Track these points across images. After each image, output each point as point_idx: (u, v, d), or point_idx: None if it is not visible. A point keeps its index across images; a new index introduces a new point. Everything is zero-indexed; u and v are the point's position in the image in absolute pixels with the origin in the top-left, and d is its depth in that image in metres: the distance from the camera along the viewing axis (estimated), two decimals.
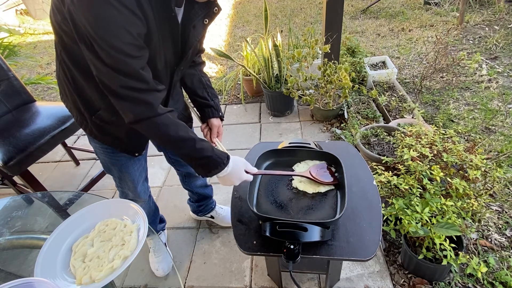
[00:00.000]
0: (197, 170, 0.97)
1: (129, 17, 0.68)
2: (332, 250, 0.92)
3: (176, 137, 0.88)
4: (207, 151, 0.92)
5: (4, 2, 5.57)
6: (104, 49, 0.70)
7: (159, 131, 0.86)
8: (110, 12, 0.66)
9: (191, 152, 0.91)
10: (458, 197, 1.29)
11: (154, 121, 0.83)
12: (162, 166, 2.25)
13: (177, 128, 0.88)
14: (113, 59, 0.71)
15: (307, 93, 2.38)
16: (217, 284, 1.50)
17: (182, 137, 0.88)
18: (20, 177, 1.60)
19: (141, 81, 0.77)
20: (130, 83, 0.76)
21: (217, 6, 0.87)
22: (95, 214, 0.94)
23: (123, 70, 0.74)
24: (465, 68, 2.79)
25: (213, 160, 0.92)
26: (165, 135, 0.87)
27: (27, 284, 0.70)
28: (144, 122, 0.83)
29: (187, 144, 0.90)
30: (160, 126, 0.85)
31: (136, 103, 0.80)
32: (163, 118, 0.84)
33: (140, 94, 0.79)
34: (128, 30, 0.69)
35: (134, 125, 0.84)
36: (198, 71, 1.17)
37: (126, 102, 0.79)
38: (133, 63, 0.74)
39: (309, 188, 1.07)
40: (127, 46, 0.71)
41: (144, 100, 0.80)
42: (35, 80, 2.47)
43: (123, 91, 0.77)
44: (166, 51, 0.86)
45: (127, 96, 0.78)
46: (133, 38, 0.71)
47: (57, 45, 0.84)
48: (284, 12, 4.80)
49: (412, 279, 1.39)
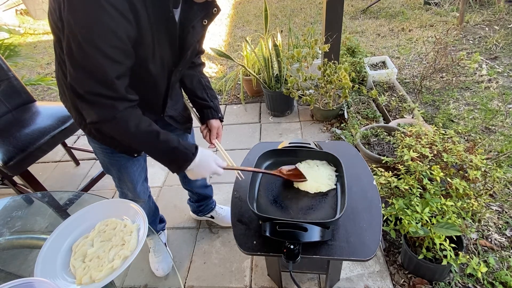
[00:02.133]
0: (168, 166, 0.94)
1: (119, 21, 0.67)
2: (332, 250, 0.92)
3: (137, 132, 0.84)
4: (172, 142, 0.89)
5: (4, 2, 5.57)
6: (87, 50, 0.68)
7: (120, 129, 0.83)
8: (100, 14, 0.65)
9: (156, 146, 0.88)
10: (458, 197, 1.30)
11: (114, 122, 0.80)
12: (162, 166, 2.22)
13: (139, 122, 0.84)
14: (90, 61, 0.70)
15: (307, 93, 2.38)
16: (217, 284, 1.50)
17: (144, 130, 0.85)
18: (20, 177, 1.60)
19: (111, 90, 0.76)
20: (99, 89, 0.74)
21: (216, 7, 0.87)
22: (95, 214, 0.94)
23: (96, 74, 0.72)
24: (465, 68, 2.79)
25: (180, 152, 0.90)
26: (126, 132, 0.84)
27: (27, 284, 0.70)
28: (103, 123, 0.80)
29: (150, 137, 0.86)
30: (120, 124, 0.82)
31: (97, 107, 0.78)
32: (122, 115, 0.81)
33: (106, 100, 0.77)
34: (116, 33, 0.68)
35: (94, 125, 0.81)
36: (198, 72, 1.17)
37: (91, 105, 0.77)
38: (111, 68, 0.73)
39: (310, 188, 1.07)
40: (112, 50, 0.70)
41: (107, 105, 0.78)
42: (35, 81, 2.47)
43: (89, 97, 0.75)
44: (162, 52, 0.85)
45: (93, 101, 0.76)
46: (120, 42, 0.70)
47: (56, 46, 0.84)
48: (284, 12, 4.80)
49: (412, 279, 1.39)
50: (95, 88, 0.74)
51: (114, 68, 0.74)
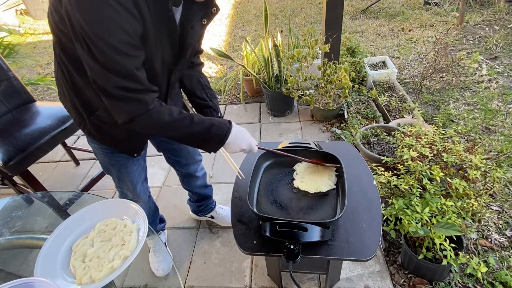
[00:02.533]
0: (208, 145, 0.94)
1: (125, 16, 0.68)
2: (332, 250, 0.92)
3: (172, 120, 0.85)
4: (207, 121, 0.90)
5: (4, 2, 5.57)
6: (99, 47, 0.69)
7: (155, 122, 0.84)
8: (106, 10, 0.65)
9: (193, 129, 0.88)
10: (458, 197, 1.29)
11: (148, 115, 0.82)
12: (162, 166, 2.25)
13: (171, 111, 0.86)
14: (108, 58, 0.71)
15: (307, 93, 2.38)
16: (217, 284, 1.50)
17: (179, 117, 0.86)
18: (20, 177, 1.60)
19: (135, 82, 0.77)
20: (124, 83, 0.75)
21: (216, 6, 0.87)
22: (95, 214, 0.94)
23: (117, 69, 0.73)
24: (465, 68, 2.79)
25: (217, 128, 0.91)
26: (161, 123, 0.85)
27: (27, 284, 0.70)
28: (138, 118, 0.82)
29: (186, 121, 0.87)
30: (154, 116, 0.83)
31: (130, 103, 0.79)
32: (155, 108, 0.83)
33: (134, 94, 0.78)
34: (124, 29, 0.69)
35: (129, 124, 0.83)
36: (197, 72, 1.17)
37: (121, 102, 0.79)
38: (128, 62, 0.74)
39: (311, 188, 1.07)
40: (123, 45, 0.70)
41: (138, 99, 0.79)
42: (35, 81, 2.47)
43: (117, 92, 0.76)
44: (163, 51, 0.86)
45: (121, 96, 0.77)
46: (129, 37, 0.71)
47: (55, 46, 0.84)
48: (284, 12, 4.80)
49: (412, 279, 1.39)
50: (121, 83, 0.75)
51: (130, 62, 0.74)
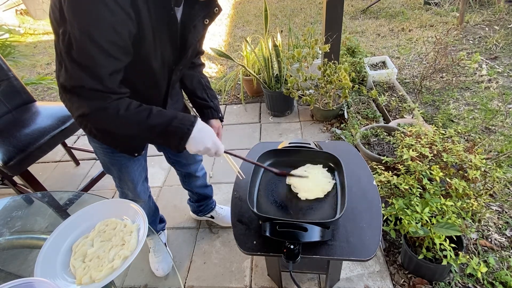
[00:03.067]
0: (169, 141, 0.86)
1: (119, 16, 0.67)
2: (332, 250, 0.92)
3: (128, 114, 0.80)
4: (168, 114, 0.85)
5: (4, 2, 5.57)
6: (83, 44, 0.68)
7: (110, 117, 0.80)
8: (100, 9, 0.65)
9: (151, 122, 0.82)
10: (458, 197, 1.29)
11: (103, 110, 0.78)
12: (162, 166, 2.25)
13: (129, 105, 0.81)
14: (87, 56, 0.70)
15: (307, 93, 2.38)
16: (217, 284, 1.50)
17: (135, 110, 0.81)
18: (20, 177, 1.60)
19: (104, 85, 0.75)
20: (91, 84, 0.73)
21: (218, 6, 0.87)
22: (95, 214, 0.94)
23: (92, 70, 0.72)
24: (465, 68, 2.79)
25: (179, 121, 0.84)
26: (117, 117, 0.80)
27: (27, 284, 0.70)
28: (93, 114, 0.78)
29: (143, 115, 0.82)
30: (109, 111, 0.79)
31: (87, 100, 0.76)
32: (113, 104, 0.79)
33: (95, 93, 0.76)
34: (115, 28, 0.68)
35: (83, 118, 0.79)
36: (198, 73, 1.17)
37: (78, 97, 0.76)
38: (106, 64, 0.72)
39: (310, 195, 1.05)
40: (108, 44, 0.70)
41: (97, 97, 0.77)
42: (36, 81, 2.47)
43: (81, 90, 0.75)
44: (163, 51, 0.85)
45: (84, 94, 0.75)
46: (118, 37, 0.70)
47: (57, 45, 0.83)
48: (284, 12, 4.79)
49: (412, 279, 1.39)
50: (89, 83, 0.74)
51: (110, 64, 0.73)
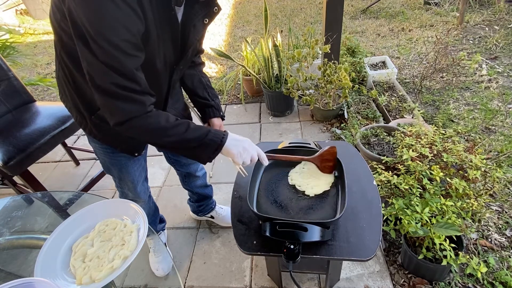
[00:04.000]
0: (203, 152, 0.89)
1: (128, 15, 0.68)
2: (332, 250, 0.92)
3: (169, 125, 0.83)
4: (204, 128, 0.88)
5: (4, 2, 5.56)
6: (100, 44, 0.68)
7: (151, 125, 0.82)
8: (110, 8, 0.65)
9: (188, 136, 0.85)
10: (458, 197, 1.29)
11: (145, 117, 0.80)
12: (162, 166, 2.25)
13: (167, 117, 0.84)
14: (108, 55, 0.70)
15: (307, 93, 2.38)
16: (217, 284, 1.50)
17: (175, 123, 0.84)
18: (20, 177, 1.60)
19: (134, 82, 0.76)
20: (122, 82, 0.74)
21: (217, 6, 0.87)
22: (95, 214, 0.94)
23: (117, 67, 0.72)
24: (465, 68, 2.79)
25: (213, 133, 0.88)
26: (157, 127, 0.82)
27: (27, 284, 0.70)
28: (134, 120, 0.79)
29: (181, 128, 0.85)
30: (150, 120, 0.81)
31: (126, 102, 0.77)
32: (153, 112, 0.82)
33: (132, 94, 0.77)
34: (127, 27, 0.69)
35: (123, 125, 0.80)
36: (198, 72, 1.17)
37: (117, 101, 0.76)
38: (128, 61, 0.73)
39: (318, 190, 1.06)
40: (124, 43, 0.70)
41: (134, 99, 0.78)
42: (35, 81, 2.46)
43: (114, 89, 0.74)
44: (166, 50, 0.86)
45: (118, 94, 0.75)
46: (131, 35, 0.71)
47: (57, 45, 0.84)
48: (284, 12, 4.79)
49: (412, 279, 1.39)
50: (120, 81, 0.74)
51: (131, 61, 0.74)
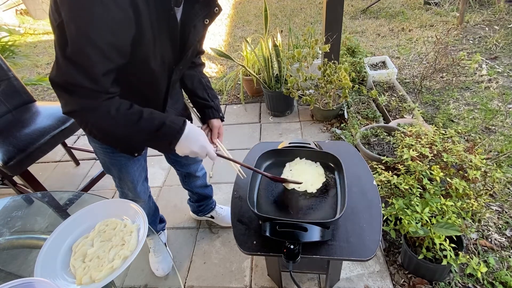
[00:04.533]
0: (158, 144, 0.89)
1: (117, 16, 0.67)
2: (332, 250, 0.92)
3: (118, 115, 0.80)
4: (158, 118, 0.85)
5: (4, 2, 5.57)
6: (79, 44, 0.68)
7: (101, 117, 0.79)
8: (99, 9, 0.65)
9: (140, 125, 0.82)
10: (458, 197, 1.29)
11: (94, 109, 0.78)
12: (162, 166, 2.25)
13: (119, 105, 0.80)
14: (82, 56, 0.69)
15: (307, 93, 2.38)
16: (217, 284, 1.50)
17: (126, 112, 0.81)
18: (20, 177, 1.60)
19: (97, 84, 0.74)
20: (85, 83, 0.73)
21: (218, 6, 0.87)
22: (95, 214, 0.94)
23: (86, 70, 0.71)
24: (465, 68, 2.79)
25: (168, 126, 0.85)
26: (107, 118, 0.79)
27: (27, 284, 0.70)
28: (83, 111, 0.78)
29: (132, 118, 0.82)
30: (99, 110, 0.78)
31: (80, 97, 0.75)
32: (103, 104, 0.78)
33: (87, 92, 0.75)
34: (113, 30, 0.68)
35: (72, 114, 0.79)
36: (198, 72, 1.17)
37: (70, 95, 0.75)
38: (101, 64, 0.72)
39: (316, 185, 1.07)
40: (106, 46, 0.70)
41: (88, 95, 0.76)
42: (35, 81, 2.47)
43: (71, 88, 0.74)
44: (163, 50, 0.85)
45: (76, 91, 0.74)
46: (116, 39, 0.70)
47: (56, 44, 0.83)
48: (284, 12, 4.79)
49: (412, 279, 1.39)
50: (81, 81, 0.73)
51: (104, 64, 0.73)
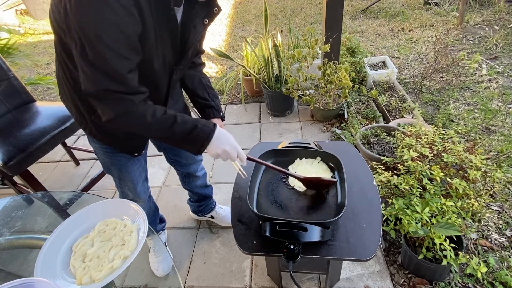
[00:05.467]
0: (190, 146, 0.92)
1: (124, 16, 0.68)
2: (332, 250, 0.92)
3: (155, 121, 0.84)
4: (191, 122, 0.88)
5: (4, 2, 5.57)
6: (96, 48, 0.69)
7: (137, 122, 0.83)
8: (105, 10, 0.66)
9: (175, 129, 0.86)
10: (458, 197, 1.30)
11: (130, 114, 0.81)
12: (162, 166, 2.25)
13: (154, 111, 0.84)
14: (102, 59, 0.71)
15: (307, 93, 2.38)
16: (217, 284, 1.50)
17: (161, 118, 0.85)
18: (20, 177, 1.60)
19: (123, 84, 0.77)
20: (112, 87, 0.75)
21: (217, 6, 0.87)
22: (95, 214, 0.94)
23: (108, 71, 0.73)
24: (465, 68, 2.79)
25: (200, 129, 0.89)
26: (143, 123, 0.83)
27: (27, 284, 0.70)
28: (120, 117, 0.81)
29: (168, 122, 0.85)
30: (135, 116, 0.82)
31: (115, 103, 0.79)
32: (139, 108, 0.82)
33: (120, 95, 0.78)
34: (122, 29, 0.69)
35: (110, 122, 0.82)
36: (198, 72, 1.17)
37: (106, 103, 0.78)
38: (119, 65, 0.73)
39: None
40: (118, 46, 0.71)
41: (124, 99, 0.79)
42: (35, 81, 2.46)
43: (102, 94, 0.76)
44: (164, 50, 0.86)
45: (107, 98, 0.77)
46: (126, 38, 0.71)
47: (57, 45, 0.84)
48: (284, 12, 4.79)
49: (412, 279, 1.39)
50: (109, 86, 0.75)
51: (124, 64, 0.74)
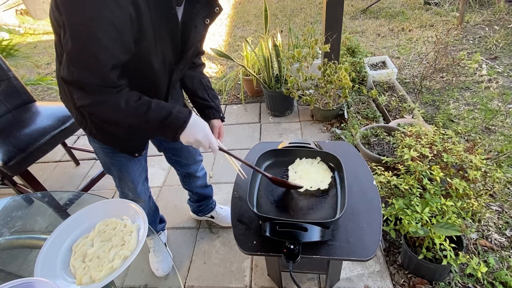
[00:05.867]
0: (165, 133, 0.90)
1: (119, 14, 0.68)
2: (332, 250, 0.92)
3: (128, 108, 0.82)
4: (166, 108, 0.87)
5: (4, 2, 5.57)
6: (84, 42, 0.69)
7: (112, 110, 0.83)
8: (101, 6, 0.66)
9: (149, 115, 0.85)
10: (458, 197, 1.30)
11: (106, 102, 0.81)
12: (162, 166, 2.25)
13: (128, 98, 0.83)
14: (88, 54, 0.71)
15: (307, 93, 2.38)
16: (217, 284, 1.50)
17: (135, 105, 0.84)
18: (20, 177, 1.60)
19: (105, 81, 0.76)
20: (94, 80, 0.75)
21: (219, 6, 0.87)
22: (95, 214, 0.94)
23: (93, 67, 0.73)
24: (465, 68, 2.79)
25: (174, 116, 0.87)
26: (117, 111, 0.83)
27: (27, 284, 0.70)
28: (97, 105, 0.81)
29: (142, 108, 0.84)
30: (111, 105, 0.82)
31: (92, 93, 0.78)
32: (113, 97, 0.81)
33: (98, 88, 0.77)
34: (116, 26, 0.69)
35: (86, 107, 0.82)
36: (198, 73, 1.17)
37: (84, 91, 0.78)
38: (107, 61, 0.73)
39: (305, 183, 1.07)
40: (110, 43, 0.71)
41: (101, 91, 0.78)
42: (35, 81, 2.46)
43: (82, 85, 0.76)
44: (164, 50, 0.86)
45: (86, 88, 0.77)
46: (119, 36, 0.71)
47: (57, 45, 0.84)
48: (284, 12, 4.79)
49: (412, 279, 1.39)
50: (90, 79, 0.75)
51: (109, 60, 0.74)
